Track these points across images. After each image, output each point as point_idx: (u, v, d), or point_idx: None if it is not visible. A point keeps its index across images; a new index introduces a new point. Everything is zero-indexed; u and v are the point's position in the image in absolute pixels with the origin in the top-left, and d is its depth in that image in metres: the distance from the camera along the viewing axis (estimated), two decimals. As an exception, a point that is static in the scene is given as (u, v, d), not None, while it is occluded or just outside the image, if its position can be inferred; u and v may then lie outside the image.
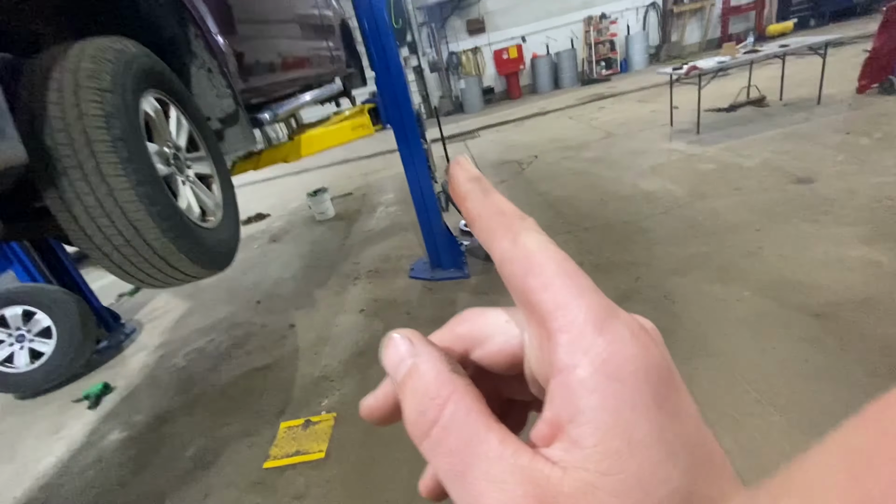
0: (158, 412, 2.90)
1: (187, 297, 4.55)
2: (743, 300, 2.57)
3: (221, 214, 1.75)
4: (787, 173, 4.00)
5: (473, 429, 0.16)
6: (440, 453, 0.17)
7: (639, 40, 12.32)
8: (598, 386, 0.15)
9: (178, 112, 1.64)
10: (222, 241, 1.65)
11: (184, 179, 1.58)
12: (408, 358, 0.19)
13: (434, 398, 0.17)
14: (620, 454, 0.14)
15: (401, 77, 2.95)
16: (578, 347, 0.16)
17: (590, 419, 0.15)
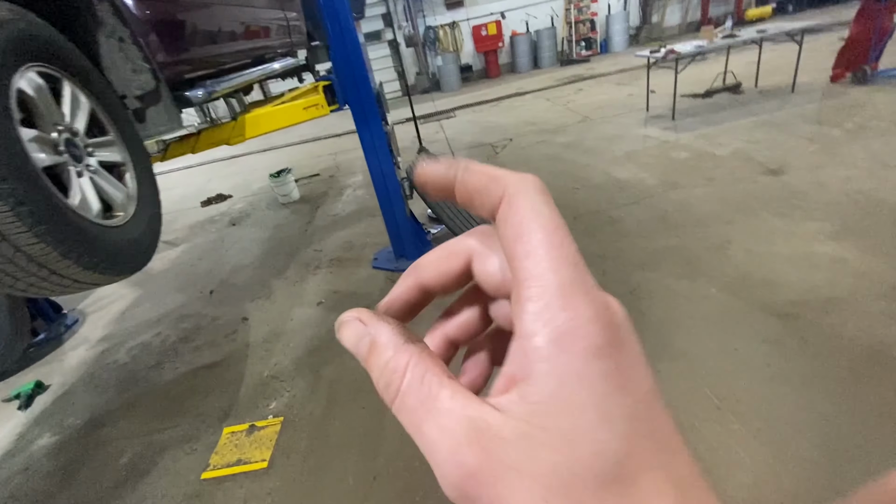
0: (94, 414, 2.69)
1: (137, 284, 4.27)
2: (709, 297, 2.50)
3: (134, 209, 1.53)
4: (759, 164, 3.95)
5: (427, 389, 0.18)
6: (403, 413, 0.18)
7: (619, 20, 12.10)
8: (550, 355, 0.16)
9: (74, 89, 1.40)
10: (132, 241, 1.44)
11: (80, 169, 1.35)
12: (365, 336, 0.21)
13: (394, 371, 0.19)
14: (557, 413, 0.16)
15: (357, 52, 2.71)
16: (541, 318, 0.17)
17: (538, 382, 0.16)
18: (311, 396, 2.42)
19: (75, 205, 1.25)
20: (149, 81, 1.72)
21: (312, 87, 2.82)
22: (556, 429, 0.16)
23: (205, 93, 2.09)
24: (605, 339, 0.16)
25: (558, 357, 0.16)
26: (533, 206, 0.18)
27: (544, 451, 0.15)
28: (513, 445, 0.16)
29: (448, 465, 0.16)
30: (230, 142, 2.48)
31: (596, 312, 0.17)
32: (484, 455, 0.16)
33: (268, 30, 3.03)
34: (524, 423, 0.16)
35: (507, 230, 0.19)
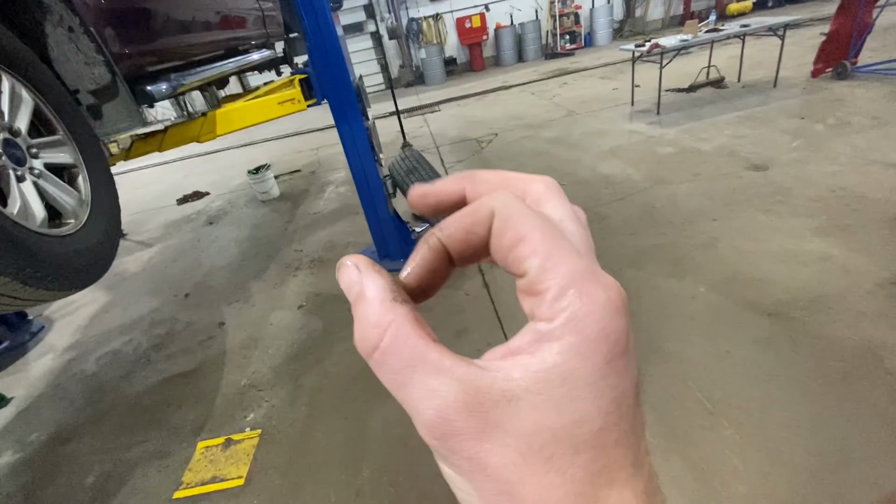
0: (59, 429, 2.54)
1: (107, 288, 4.08)
2: (697, 297, 2.46)
3: (87, 215, 1.40)
4: (744, 159, 3.94)
5: (412, 350, 0.18)
6: (383, 371, 0.19)
7: (603, 14, 12.07)
8: (562, 335, 0.17)
9: (13, 84, 1.26)
10: (85, 251, 1.31)
11: (22, 173, 1.22)
12: (356, 284, 0.20)
13: (375, 326, 0.19)
14: (552, 382, 0.17)
15: (335, 44, 2.58)
16: (558, 305, 0.17)
17: (543, 355, 0.17)
18: (291, 407, 2.31)
19: (13, 213, 1.12)
20: (103, 75, 1.58)
21: (288, 81, 2.69)
22: (549, 395, 0.17)
23: (169, 87, 1.95)
24: (614, 325, 0.17)
25: (569, 338, 0.17)
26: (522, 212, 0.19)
27: (531, 413, 0.16)
28: (500, 407, 0.17)
29: (434, 423, 0.17)
30: (200, 139, 2.34)
31: (608, 298, 0.18)
32: (471, 416, 0.17)
33: (241, 20, 2.87)
34: (512, 383, 0.17)
35: (505, 240, 0.19)
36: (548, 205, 0.22)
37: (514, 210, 0.20)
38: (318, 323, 2.94)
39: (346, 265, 0.21)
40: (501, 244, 0.19)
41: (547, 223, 0.19)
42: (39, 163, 1.30)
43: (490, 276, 3.01)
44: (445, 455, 0.18)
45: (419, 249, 0.22)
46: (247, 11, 2.98)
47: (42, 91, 1.35)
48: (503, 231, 0.19)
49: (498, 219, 0.20)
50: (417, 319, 0.19)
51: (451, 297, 2.89)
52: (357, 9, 11.36)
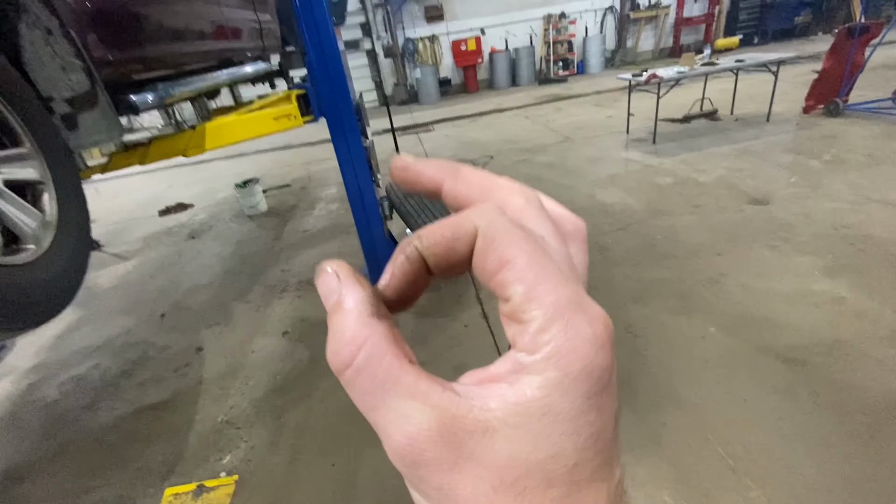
0: (12, 465, 2.28)
1: (79, 304, 3.81)
2: (708, 337, 2.35)
3: (51, 239, 1.23)
4: (743, 192, 3.91)
5: (386, 372, 0.17)
6: (355, 390, 0.18)
7: (596, 43, 12.33)
8: (544, 370, 0.17)
9: (-28, 88, 1.10)
10: (44, 283, 1.13)
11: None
12: (335, 293, 0.19)
13: (349, 343, 0.18)
14: (530, 416, 0.16)
15: (337, 60, 2.46)
16: (542, 338, 0.17)
17: (523, 387, 0.17)
18: (272, 448, 2.11)
19: (-43, 241, 0.94)
20: (82, 82, 1.42)
21: (285, 96, 2.56)
22: (526, 429, 0.16)
23: (155, 97, 1.80)
24: (598, 361, 0.17)
25: (550, 371, 0.16)
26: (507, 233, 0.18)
27: (506, 446, 0.16)
28: (475, 438, 0.16)
29: (405, 450, 0.17)
30: (187, 153, 2.18)
31: (594, 333, 0.17)
32: (444, 446, 0.16)
33: (236, 31, 2.74)
34: (489, 413, 0.16)
35: (488, 262, 0.18)
36: (528, 223, 0.20)
37: (500, 230, 0.19)
38: (304, 352, 2.74)
39: (326, 271, 0.20)
40: (485, 267, 0.19)
41: (533, 246, 0.18)
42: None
43: (489, 305, 2.87)
44: (415, 483, 0.17)
45: (396, 259, 0.21)
46: (243, 23, 2.86)
47: (8, 98, 1.19)
48: (487, 253, 0.19)
49: (482, 238, 0.19)
50: (395, 337, 0.19)
51: (449, 329, 2.74)
52: (354, 26, 11.40)
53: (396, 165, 0.23)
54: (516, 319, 0.18)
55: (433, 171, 0.22)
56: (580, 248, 0.23)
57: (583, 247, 0.23)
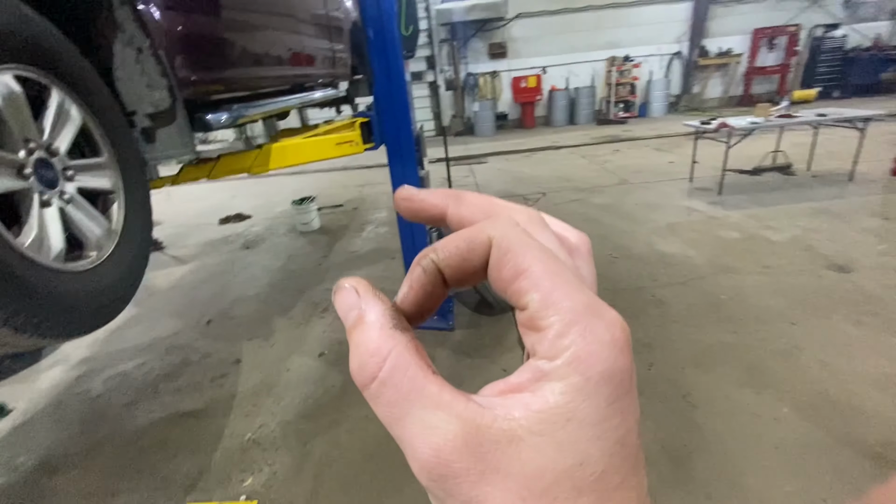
0: (49, 455, 2.34)
1: (135, 302, 3.97)
2: (781, 419, 2.08)
3: (113, 247, 1.25)
4: (822, 256, 3.57)
5: (411, 383, 0.17)
6: (379, 403, 0.18)
7: (660, 87, 12.11)
8: (565, 375, 0.17)
9: (64, 100, 1.16)
10: (98, 292, 1.15)
11: (49, 197, 1.08)
12: (354, 308, 0.20)
13: (374, 355, 0.18)
14: (555, 423, 0.16)
15: (402, 91, 2.50)
16: (561, 343, 0.17)
17: (545, 395, 0.17)
18: (294, 477, 2.04)
19: (23, 245, 0.97)
20: (164, 99, 1.49)
21: (349, 123, 2.61)
22: (551, 436, 0.16)
23: (229, 117, 1.87)
24: (618, 364, 0.17)
25: (572, 377, 0.16)
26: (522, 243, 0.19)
27: (532, 456, 0.16)
28: (501, 448, 0.16)
29: (431, 463, 0.16)
30: (251, 171, 2.25)
31: (612, 336, 0.17)
32: (470, 456, 0.16)
33: (311, 58, 2.87)
34: (514, 423, 0.16)
35: (504, 272, 0.19)
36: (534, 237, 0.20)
37: (514, 240, 0.19)
38: (337, 377, 2.69)
39: (345, 287, 0.21)
40: (501, 276, 0.19)
41: (548, 254, 0.19)
42: (73, 187, 1.17)
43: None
44: (441, 497, 0.17)
45: (413, 271, 0.21)
46: (319, 51, 2.99)
47: (94, 110, 1.25)
48: (502, 263, 0.19)
49: (496, 249, 0.19)
50: (418, 349, 0.19)
51: (486, 371, 2.61)
52: (419, 59, 11.85)
53: (401, 196, 0.23)
54: (534, 327, 0.18)
55: (436, 198, 0.23)
56: (586, 262, 0.23)
57: (588, 260, 0.24)
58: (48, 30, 1.11)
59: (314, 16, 2.94)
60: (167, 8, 1.47)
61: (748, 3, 11.71)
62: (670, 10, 11.78)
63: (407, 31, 2.93)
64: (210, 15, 1.73)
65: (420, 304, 0.21)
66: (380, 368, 0.18)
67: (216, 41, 1.77)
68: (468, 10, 10.80)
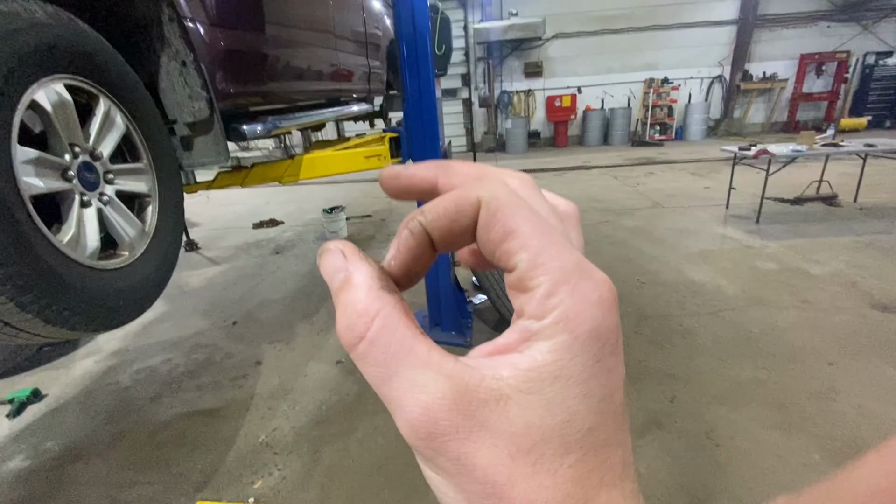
0: (74, 443, 2.44)
1: (168, 298, 4.17)
2: (811, 466, 1.96)
3: (144, 248, 1.32)
4: (866, 294, 3.37)
5: (399, 343, 0.18)
6: (367, 363, 0.18)
7: (699, 111, 11.85)
8: (553, 334, 0.17)
9: (111, 108, 1.24)
10: (127, 289, 1.20)
11: (89, 199, 1.16)
12: (341, 271, 0.20)
13: (362, 315, 0.18)
14: (543, 381, 0.16)
15: (432, 109, 2.54)
16: (549, 303, 0.17)
17: (533, 354, 0.17)
18: (302, 483, 2.05)
19: (62, 242, 1.03)
20: (203, 109, 1.57)
21: (378, 138, 2.67)
22: (539, 394, 0.16)
23: (264, 129, 1.95)
24: (605, 323, 0.17)
25: (560, 336, 0.17)
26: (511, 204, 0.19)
27: (520, 413, 0.16)
28: (489, 406, 0.16)
29: (419, 421, 0.17)
30: (282, 180, 2.33)
31: (599, 296, 0.17)
32: (459, 414, 0.16)
33: (348, 75, 2.97)
34: (502, 382, 0.17)
35: (493, 233, 0.19)
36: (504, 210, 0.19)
37: (504, 201, 0.19)
38: (352, 386, 2.71)
39: (330, 249, 0.21)
40: (489, 238, 0.19)
41: (537, 216, 0.19)
42: (112, 189, 1.24)
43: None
44: (430, 457, 0.17)
45: (401, 234, 0.21)
46: (355, 67, 3.08)
47: (137, 118, 1.33)
48: (491, 224, 0.19)
49: (486, 210, 0.19)
50: (406, 310, 0.19)
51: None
52: (455, 76, 12.05)
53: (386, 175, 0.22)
54: (522, 288, 0.18)
55: (424, 171, 0.22)
56: (575, 229, 0.24)
57: (577, 227, 0.24)
58: (99, 43, 1.20)
59: (352, 32, 3.05)
60: (211, 25, 1.56)
61: (794, 28, 11.38)
62: (713, 32, 11.58)
63: (440, 51, 2.99)
64: (250, 31, 1.82)
65: (408, 267, 0.21)
66: (368, 328, 0.18)
67: (255, 56, 1.86)
68: (505, 29, 10.95)
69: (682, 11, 11.35)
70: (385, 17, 3.87)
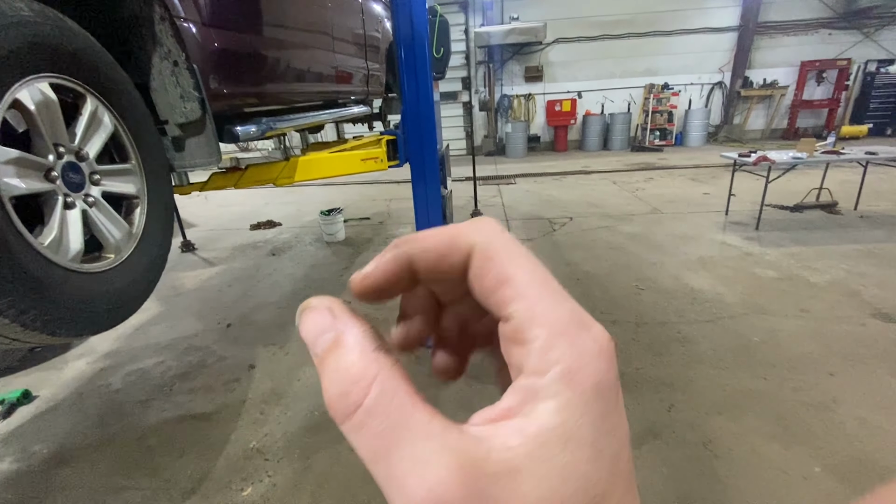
0: (64, 447, 2.40)
1: (162, 300, 4.14)
2: (811, 479, 1.92)
3: (131, 251, 1.28)
4: (867, 303, 3.34)
5: (399, 411, 0.16)
6: (363, 436, 0.16)
7: (699, 116, 11.85)
8: (557, 392, 0.16)
9: (98, 108, 1.21)
10: (112, 293, 1.17)
11: (73, 200, 1.13)
12: (329, 331, 0.18)
13: (357, 380, 0.17)
14: (553, 446, 0.15)
15: (430, 112, 2.52)
16: (549, 357, 0.16)
17: (540, 416, 0.16)
18: (293, 491, 2.01)
19: (43, 244, 1.00)
20: (195, 110, 1.54)
21: (375, 140, 2.65)
22: (551, 462, 0.15)
23: (258, 130, 1.92)
24: (608, 377, 0.17)
25: (565, 394, 0.16)
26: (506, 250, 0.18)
27: (534, 485, 0.15)
28: (499, 481, 0.15)
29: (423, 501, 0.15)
30: (277, 182, 2.30)
31: (600, 348, 0.17)
32: (466, 492, 0.15)
33: (346, 76, 2.95)
34: (511, 453, 0.16)
35: (487, 280, 0.18)
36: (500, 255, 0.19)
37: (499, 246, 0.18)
38: (347, 392, 2.67)
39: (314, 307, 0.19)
40: (483, 284, 0.18)
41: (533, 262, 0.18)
42: (98, 190, 1.21)
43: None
44: None
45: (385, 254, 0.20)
46: (353, 69, 3.06)
47: (126, 118, 1.30)
48: (485, 270, 0.18)
49: (480, 255, 0.19)
50: (402, 372, 0.17)
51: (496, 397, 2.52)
52: (455, 79, 12.06)
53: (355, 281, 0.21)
54: (518, 340, 0.17)
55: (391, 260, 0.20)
56: None
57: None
58: (87, 42, 1.17)
59: (351, 34, 3.03)
60: (204, 25, 1.54)
61: (795, 35, 11.40)
62: (713, 39, 11.60)
63: (438, 54, 2.97)
64: (245, 32, 1.80)
65: (380, 288, 0.20)
66: (365, 395, 0.16)
67: (249, 57, 1.84)
68: (506, 33, 10.96)
69: (683, 17, 11.37)
70: (385, 19, 3.86)
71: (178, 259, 5.27)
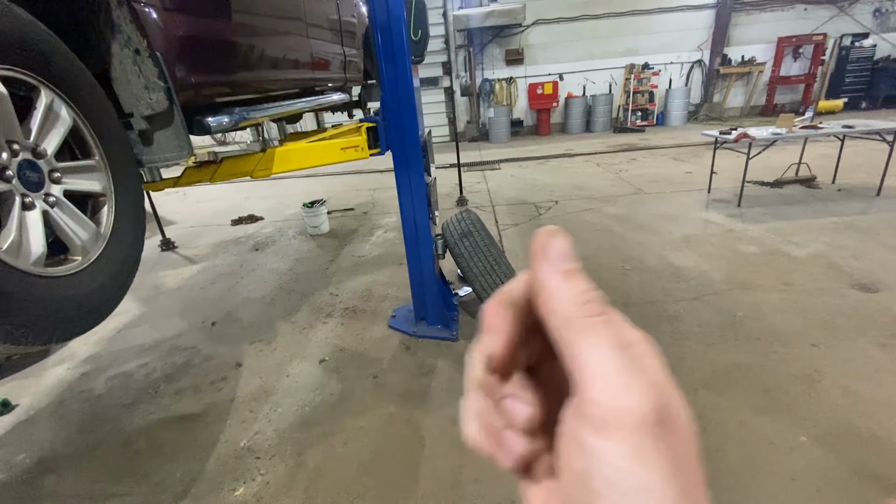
0: (47, 455, 2.34)
1: (143, 300, 4.03)
2: (798, 449, 1.96)
3: (100, 252, 1.22)
4: (846, 274, 3.41)
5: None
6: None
7: (679, 95, 11.89)
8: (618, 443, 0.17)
9: (54, 100, 1.13)
10: (80, 297, 1.11)
11: (31, 200, 1.06)
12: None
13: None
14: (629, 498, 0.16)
15: (410, 96, 2.46)
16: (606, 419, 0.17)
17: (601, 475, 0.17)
18: (286, 489, 1.99)
19: (1, 248, 0.94)
20: (161, 101, 1.46)
21: (355, 128, 2.58)
22: None
23: (231, 120, 1.84)
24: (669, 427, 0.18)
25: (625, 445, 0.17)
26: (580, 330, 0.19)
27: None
28: None
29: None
30: (254, 175, 2.22)
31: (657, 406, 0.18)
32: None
33: (322, 63, 2.85)
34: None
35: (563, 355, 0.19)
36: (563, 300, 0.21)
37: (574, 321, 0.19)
38: (336, 385, 2.64)
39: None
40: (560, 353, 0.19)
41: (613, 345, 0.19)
42: (59, 189, 1.14)
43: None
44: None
45: (502, 322, 0.22)
46: (329, 56, 2.97)
47: (86, 111, 1.23)
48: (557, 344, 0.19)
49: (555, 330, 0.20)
50: None
51: (489, 385, 2.53)
52: (435, 65, 11.87)
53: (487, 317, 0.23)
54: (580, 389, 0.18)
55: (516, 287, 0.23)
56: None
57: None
58: (37, 31, 1.09)
59: (326, 19, 2.93)
60: (166, 10, 1.45)
61: (772, 11, 11.46)
62: (691, 17, 11.58)
63: (416, 37, 2.89)
64: (211, 17, 1.71)
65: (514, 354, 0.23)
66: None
67: (217, 44, 1.75)
68: (485, 16, 10.79)
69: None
70: (361, 3, 3.74)
71: (157, 258, 5.14)
